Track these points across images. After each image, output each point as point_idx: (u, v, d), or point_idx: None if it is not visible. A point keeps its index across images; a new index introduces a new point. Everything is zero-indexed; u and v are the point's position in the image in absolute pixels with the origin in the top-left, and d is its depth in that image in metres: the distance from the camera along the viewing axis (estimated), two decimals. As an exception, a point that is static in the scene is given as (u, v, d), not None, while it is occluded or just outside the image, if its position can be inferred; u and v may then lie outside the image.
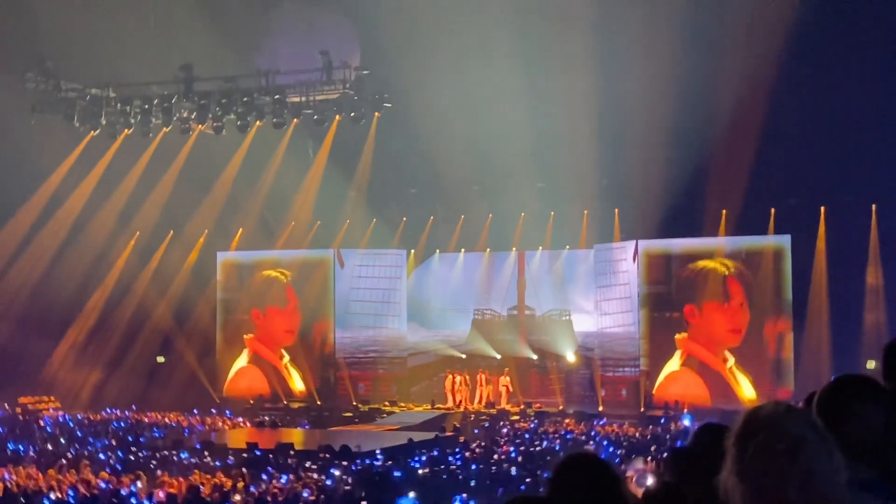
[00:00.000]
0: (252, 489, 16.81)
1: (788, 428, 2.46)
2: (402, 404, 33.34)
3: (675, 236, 30.87)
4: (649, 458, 16.18)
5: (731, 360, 29.56)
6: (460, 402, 32.46)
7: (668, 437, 24.36)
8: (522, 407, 31.86)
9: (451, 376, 33.00)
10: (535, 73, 28.95)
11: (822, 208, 29.58)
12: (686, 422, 26.35)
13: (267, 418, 31.54)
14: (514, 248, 34.51)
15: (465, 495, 15.40)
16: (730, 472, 2.51)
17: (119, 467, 20.12)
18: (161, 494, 16.54)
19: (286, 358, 34.56)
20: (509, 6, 28.12)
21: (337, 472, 18.03)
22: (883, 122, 26.45)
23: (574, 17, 27.38)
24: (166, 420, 30.88)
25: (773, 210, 30.03)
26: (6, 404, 32.04)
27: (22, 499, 16.18)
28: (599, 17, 27.12)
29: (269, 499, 15.96)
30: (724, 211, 30.41)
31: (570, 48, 27.90)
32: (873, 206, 28.88)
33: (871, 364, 24.99)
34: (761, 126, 27.10)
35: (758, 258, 29.87)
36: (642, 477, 10.24)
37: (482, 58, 28.63)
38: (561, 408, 31.75)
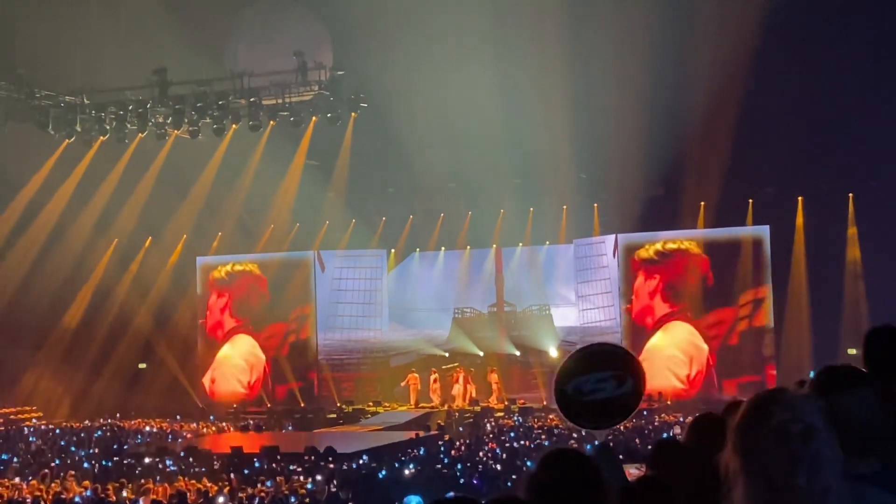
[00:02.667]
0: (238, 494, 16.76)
1: (804, 414, 2.47)
2: (386, 404, 33.30)
3: (654, 229, 30.99)
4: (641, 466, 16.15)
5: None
6: (444, 400, 32.46)
7: (650, 429, 24.41)
8: (506, 403, 31.88)
9: (429, 375, 33.06)
10: (511, 70, 28.97)
11: (800, 198, 29.75)
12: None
13: (251, 422, 31.46)
14: (493, 245, 34.51)
15: (453, 493, 15.38)
16: (733, 453, 2.51)
17: (103, 476, 20.01)
18: (146, 502, 16.47)
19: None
20: (485, 5, 28.09)
21: (320, 477, 17.97)
22: (858, 111, 26.59)
23: (548, 12, 27.39)
24: (149, 426, 30.75)
25: (750, 201, 30.18)
26: (-13, 415, 31.86)
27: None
28: (574, 11, 27.14)
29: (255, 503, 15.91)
30: (702, 203, 30.54)
31: (545, 43, 27.92)
32: (850, 196, 29.07)
33: (851, 351, 25.14)
34: (737, 118, 27.22)
35: (736, 249, 30.01)
36: None
37: (457, 56, 28.60)
38: (545, 403, 31.75)
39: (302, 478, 18.57)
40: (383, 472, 18.66)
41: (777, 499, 2.42)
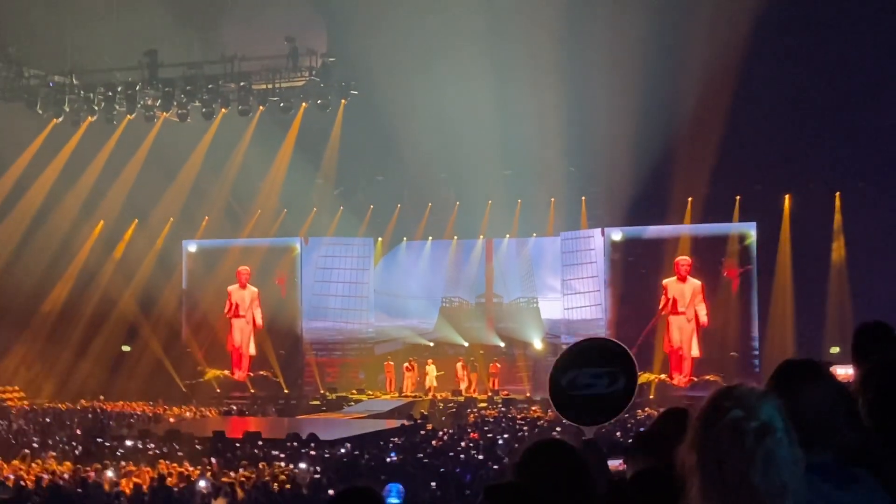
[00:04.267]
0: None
1: (760, 411, 2.46)
2: (370, 392, 33.31)
3: (642, 224, 31.06)
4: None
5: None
6: (429, 389, 32.51)
7: (632, 423, 24.47)
8: (490, 394, 31.93)
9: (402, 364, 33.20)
10: (503, 62, 28.93)
11: (787, 196, 29.83)
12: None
13: (234, 407, 31.43)
14: (481, 236, 34.51)
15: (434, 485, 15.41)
16: (690, 447, 2.50)
17: (85, 457, 19.98)
18: (127, 484, 16.46)
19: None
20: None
21: (303, 465, 17.99)
22: (846, 110, 26.67)
23: (541, 5, 27.37)
24: (133, 409, 30.69)
25: (738, 198, 30.25)
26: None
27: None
28: (567, 7, 27.12)
29: (236, 488, 15.92)
30: (689, 198, 30.60)
31: (537, 37, 27.90)
32: (837, 194, 29.17)
33: (834, 350, 25.26)
34: (726, 115, 27.25)
35: (723, 245, 30.10)
36: None
37: (449, 45, 28.54)
38: (528, 395, 31.86)
39: (284, 464, 18.58)
40: (365, 460, 18.69)
41: (731, 496, 2.41)
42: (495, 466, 17.41)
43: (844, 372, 4.43)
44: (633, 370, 5.42)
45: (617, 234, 31.15)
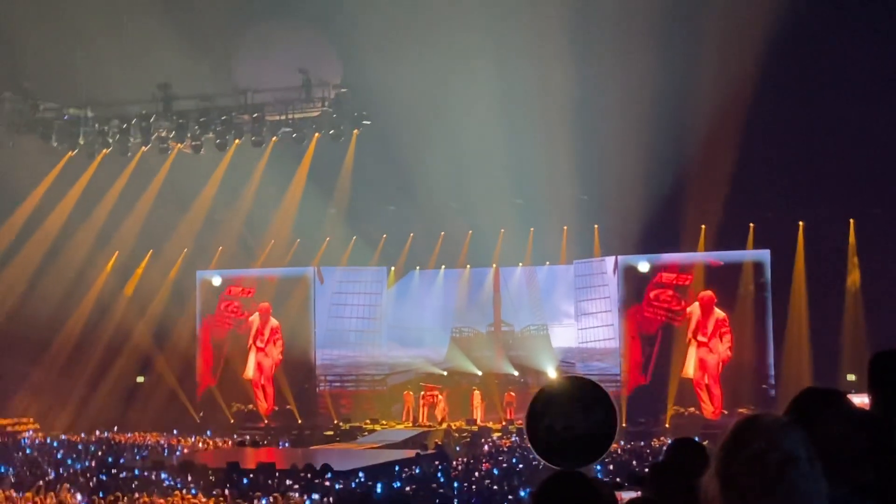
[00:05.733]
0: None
1: (783, 442, 2.45)
2: (384, 422, 33.22)
3: (655, 252, 31.00)
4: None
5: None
6: (442, 419, 32.40)
7: (648, 452, 24.36)
8: (504, 423, 31.81)
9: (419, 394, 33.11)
10: (514, 90, 29.00)
11: (801, 223, 29.75)
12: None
13: (248, 437, 31.39)
14: (494, 265, 34.49)
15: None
16: (713, 476, 2.49)
17: (99, 489, 19.95)
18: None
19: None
20: (488, 27, 28.14)
21: (316, 495, 17.94)
22: (859, 136, 26.63)
23: (552, 36, 27.45)
24: (146, 440, 30.67)
25: (751, 225, 30.18)
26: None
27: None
28: (577, 35, 27.20)
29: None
30: (703, 226, 30.55)
31: (548, 65, 28.00)
32: (851, 221, 29.08)
33: (851, 377, 25.11)
34: (739, 142, 27.24)
35: (737, 273, 30.01)
36: None
37: (461, 76, 28.67)
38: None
39: (298, 495, 18.52)
40: (379, 490, 18.61)
41: None
42: (510, 496, 17.32)
43: (860, 400, 4.40)
44: (609, 403, 5.38)
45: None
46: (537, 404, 5.50)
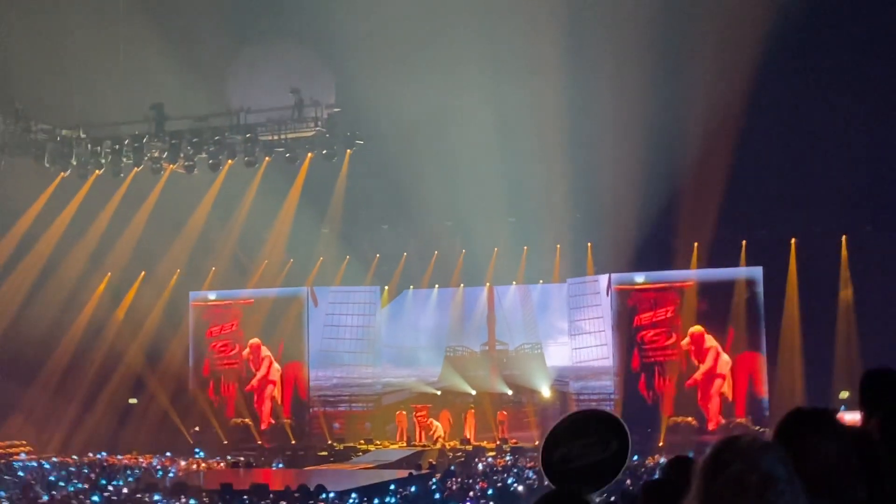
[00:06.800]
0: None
1: (761, 463, 2.45)
2: (378, 442, 33.15)
3: (648, 269, 31.04)
4: None
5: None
6: (437, 438, 32.33)
7: (642, 470, 24.32)
8: (498, 443, 31.76)
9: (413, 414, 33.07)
10: (507, 110, 29.05)
11: (793, 240, 29.82)
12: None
13: (241, 458, 31.28)
14: (487, 283, 34.49)
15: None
16: (694, 499, 2.49)
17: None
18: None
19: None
20: (482, 46, 28.24)
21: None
22: (851, 153, 26.73)
23: (546, 52, 27.55)
24: (139, 462, 30.55)
25: (744, 242, 30.24)
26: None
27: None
28: (571, 52, 27.30)
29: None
30: (695, 244, 30.60)
31: (542, 83, 28.06)
32: (843, 237, 29.16)
33: (844, 394, 25.14)
34: (731, 159, 27.33)
35: (730, 290, 30.04)
36: None
37: (454, 95, 28.72)
38: (537, 443, 31.62)
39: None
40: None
41: None
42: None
43: (851, 418, 4.41)
44: (624, 433, 5.41)
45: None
46: (556, 434, 5.51)
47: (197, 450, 32.75)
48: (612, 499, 14.22)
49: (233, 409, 34.69)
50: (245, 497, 21.48)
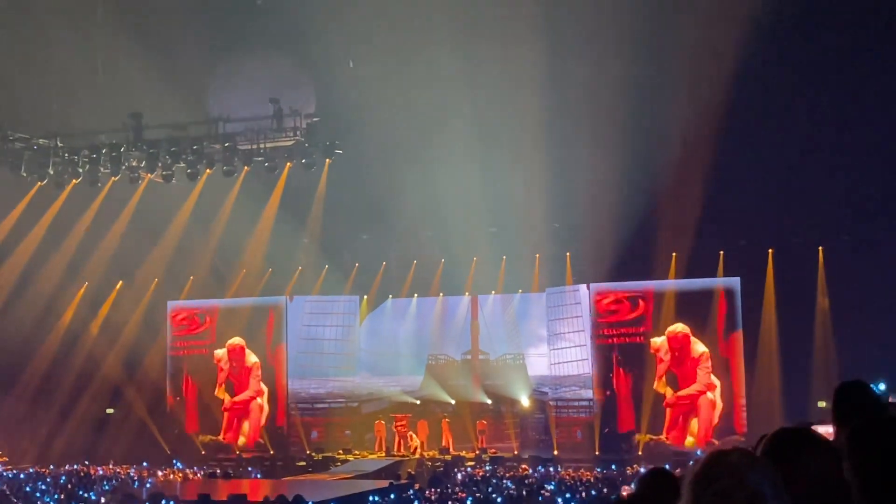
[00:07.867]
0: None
1: (749, 479, 2.46)
2: (357, 452, 33.07)
3: (627, 279, 31.13)
4: None
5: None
6: (414, 449, 32.27)
7: (621, 480, 24.37)
8: (478, 452, 31.74)
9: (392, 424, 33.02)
10: (487, 120, 29.14)
11: (770, 250, 29.98)
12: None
13: (219, 469, 31.14)
14: (467, 293, 34.50)
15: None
16: None
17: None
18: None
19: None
20: (462, 56, 28.29)
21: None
22: (828, 165, 26.89)
23: (525, 63, 27.63)
24: (116, 472, 30.37)
25: (721, 253, 30.37)
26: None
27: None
28: (550, 63, 27.37)
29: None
30: (674, 254, 30.72)
31: (521, 94, 28.15)
32: (820, 249, 29.33)
33: (821, 404, 25.25)
34: (709, 170, 27.44)
35: (708, 300, 30.15)
36: None
37: (434, 104, 28.75)
38: (516, 452, 31.68)
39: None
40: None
41: None
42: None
43: (825, 430, 4.43)
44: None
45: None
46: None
47: (174, 460, 32.55)
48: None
49: (197, 423, 34.53)
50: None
